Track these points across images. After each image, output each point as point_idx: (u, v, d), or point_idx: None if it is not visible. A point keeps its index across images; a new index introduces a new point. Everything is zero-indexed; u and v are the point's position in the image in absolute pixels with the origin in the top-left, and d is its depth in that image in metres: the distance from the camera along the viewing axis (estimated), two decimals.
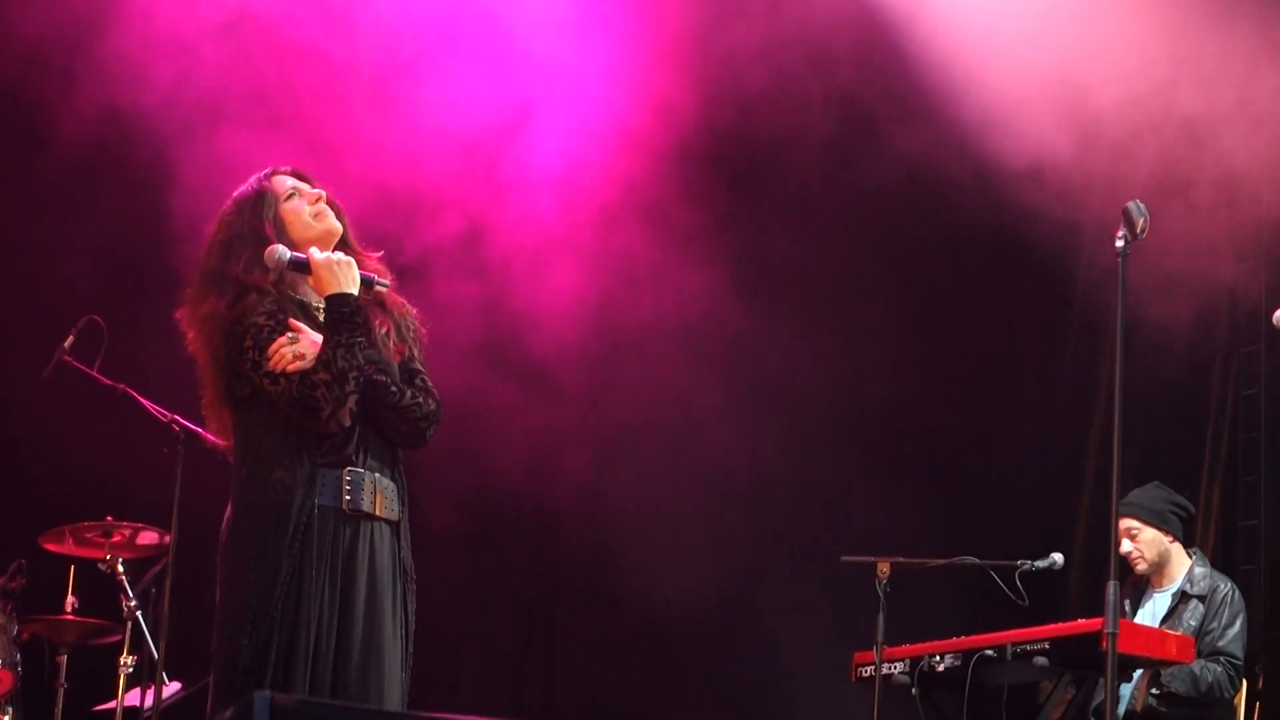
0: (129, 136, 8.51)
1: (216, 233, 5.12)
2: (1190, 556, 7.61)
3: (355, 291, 4.98)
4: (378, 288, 5.09)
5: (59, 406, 8.53)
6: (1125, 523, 7.51)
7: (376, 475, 5.00)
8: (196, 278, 5.09)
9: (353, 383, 4.88)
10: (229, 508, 5.01)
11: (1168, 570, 7.59)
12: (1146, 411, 8.68)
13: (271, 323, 4.95)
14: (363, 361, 4.93)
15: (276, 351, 4.90)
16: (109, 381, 7.08)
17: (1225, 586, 7.48)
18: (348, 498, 4.93)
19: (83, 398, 7.74)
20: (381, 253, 5.24)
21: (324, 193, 5.16)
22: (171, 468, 6.59)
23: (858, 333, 9.45)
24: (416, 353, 5.17)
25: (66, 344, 7.12)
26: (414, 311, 5.24)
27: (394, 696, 4.94)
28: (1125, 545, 7.55)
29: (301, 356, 4.90)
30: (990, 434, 9.40)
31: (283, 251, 5.00)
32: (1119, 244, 5.68)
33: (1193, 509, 7.65)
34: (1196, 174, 8.54)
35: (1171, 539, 7.58)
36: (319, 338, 4.95)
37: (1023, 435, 9.50)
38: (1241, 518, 8.75)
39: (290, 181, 5.16)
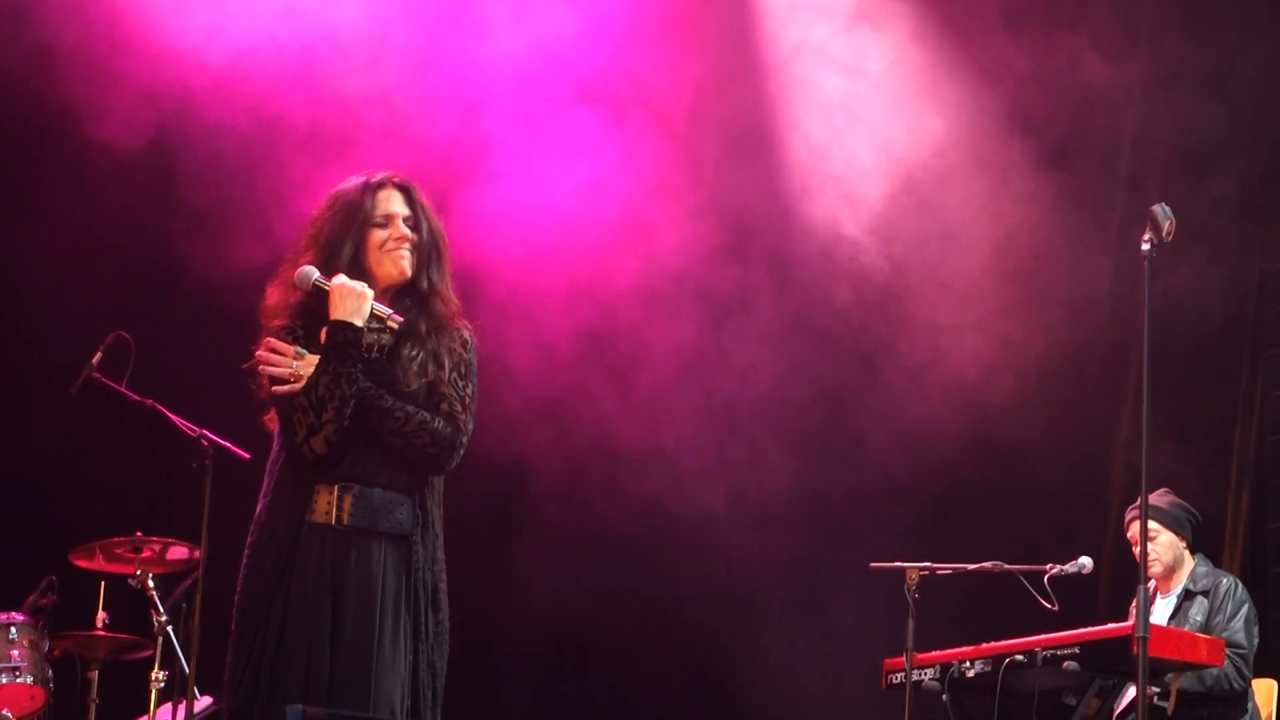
0: (164, 153, 8.56)
1: (307, 227, 5.10)
2: (1193, 559, 7.62)
3: (359, 323, 4.91)
4: (389, 323, 4.97)
5: (87, 422, 8.58)
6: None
7: (378, 491, 4.95)
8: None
9: (331, 412, 4.85)
10: None
11: (1176, 575, 7.59)
12: (1174, 414, 8.65)
13: (282, 333, 4.97)
14: (351, 391, 4.86)
15: (259, 367, 4.94)
16: (137, 397, 7.09)
17: (1227, 581, 7.50)
18: (338, 512, 4.91)
19: (111, 414, 7.76)
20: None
21: (412, 238, 5.05)
22: (200, 482, 6.59)
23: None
24: (454, 376, 5.03)
25: (94, 360, 7.13)
26: (466, 336, 5.11)
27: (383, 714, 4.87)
28: None
29: (283, 379, 4.90)
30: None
31: (308, 273, 4.98)
32: (1145, 247, 5.65)
33: (1200, 516, 7.65)
34: None
35: (1185, 544, 7.60)
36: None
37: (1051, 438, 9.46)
38: (1271, 520, 8.72)
39: (390, 207, 5.06)
